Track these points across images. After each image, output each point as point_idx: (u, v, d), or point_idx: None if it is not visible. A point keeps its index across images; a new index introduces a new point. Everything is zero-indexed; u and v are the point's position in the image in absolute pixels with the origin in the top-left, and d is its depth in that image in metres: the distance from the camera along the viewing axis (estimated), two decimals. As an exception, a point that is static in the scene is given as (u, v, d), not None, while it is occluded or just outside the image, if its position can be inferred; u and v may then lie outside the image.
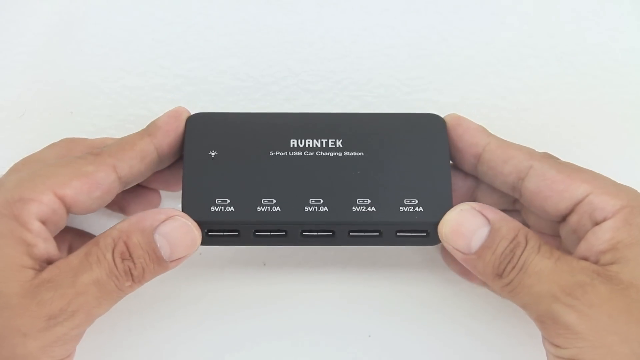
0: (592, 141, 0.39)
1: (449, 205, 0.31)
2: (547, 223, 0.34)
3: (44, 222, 0.30)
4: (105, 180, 0.31)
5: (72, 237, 0.36)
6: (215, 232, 0.32)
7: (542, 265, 0.29)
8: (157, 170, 0.34)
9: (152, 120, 0.33)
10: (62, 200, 0.30)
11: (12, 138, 0.39)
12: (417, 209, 0.31)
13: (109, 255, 0.29)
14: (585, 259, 0.30)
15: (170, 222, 0.30)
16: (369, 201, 0.32)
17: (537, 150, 0.33)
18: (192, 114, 0.34)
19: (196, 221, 0.31)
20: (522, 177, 0.32)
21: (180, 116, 0.33)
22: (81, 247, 0.30)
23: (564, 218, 0.32)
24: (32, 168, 0.32)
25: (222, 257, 0.38)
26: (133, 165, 0.32)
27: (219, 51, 0.40)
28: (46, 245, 0.30)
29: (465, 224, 0.30)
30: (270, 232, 0.32)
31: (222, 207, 0.31)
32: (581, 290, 0.28)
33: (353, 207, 0.31)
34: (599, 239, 0.29)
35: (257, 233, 0.32)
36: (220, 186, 0.32)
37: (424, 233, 0.32)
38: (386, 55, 0.40)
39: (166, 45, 0.40)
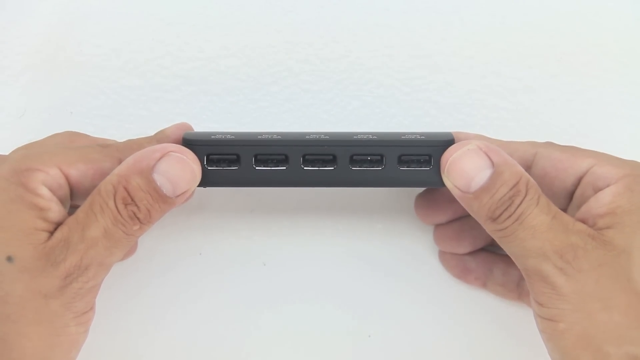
0: (592, 142, 0.39)
1: (451, 137, 0.31)
2: None
3: (51, 191, 0.30)
4: (109, 170, 0.31)
5: None
6: (215, 166, 0.31)
7: (538, 220, 0.28)
8: None
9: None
10: (67, 178, 0.30)
11: (12, 138, 0.39)
12: (418, 137, 0.31)
13: (111, 203, 0.29)
14: (583, 221, 0.30)
15: (167, 158, 0.29)
16: (371, 134, 0.32)
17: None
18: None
19: (196, 142, 0.31)
20: (529, 166, 0.32)
21: (186, 129, 0.34)
22: (87, 199, 0.30)
23: (571, 197, 0.32)
24: (37, 148, 0.32)
25: (222, 258, 0.38)
26: None
27: (219, 51, 0.40)
28: (59, 209, 0.30)
29: (468, 163, 0.29)
30: (270, 163, 0.31)
31: (223, 136, 0.32)
32: (573, 254, 0.28)
33: (354, 136, 0.32)
34: (598, 202, 0.29)
35: (257, 168, 0.31)
36: (222, 131, 0.32)
37: (427, 167, 0.31)
38: (386, 55, 0.40)
39: (166, 45, 0.40)
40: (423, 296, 0.38)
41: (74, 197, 0.31)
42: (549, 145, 0.32)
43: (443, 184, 0.31)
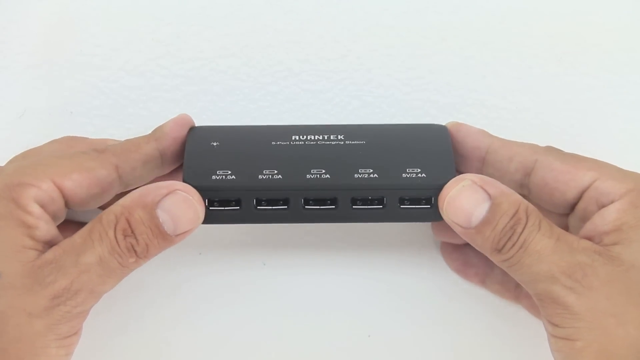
0: (592, 142, 0.39)
1: (452, 172, 0.31)
2: (556, 218, 0.34)
3: (42, 207, 0.30)
4: (106, 178, 0.31)
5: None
6: (217, 206, 0.31)
7: (542, 245, 0.28)
8: (158, 176, 0.34)
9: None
10: (61, 190, 0.30)
11: (12, 138, 0.39)
12: (419, 175, 0.31)
13: (110, 233, 0.29)
14: (589, 239, 0.29)
15: (172, 196, 0.29)
16: (371, 170, 0.32)
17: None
18: (194, 124, 0.34)
19: (197, 188, 0.31)
20: (528, 173, 0.32)
21: (185, 123, 0.33)
22: (86, 225, 0.29)
23: (572, 208, 0.32)
24: (32, 158, 0.32)
25: (222, 258, 0.38)
26: (135, 168, 0.32)
27: (219, 51, 0.40)
28: (48, 227, 0.29)
29: (465, 200, 0.30)
30: (272, 202, 0.31)
31: (224, 176, 0.31)
32: (581, 272, 0.28)
33: (355, 175, 0.31)
34: (604, 219, 0.29)
35: (258, 207, 0.31)
36: (222, 161, 0.32)
37: (427, 205, 0.31)
38: (386, 55, 0.40)
39: (166, 45, 0.40)
40: (423, 296, 0.38)
41: (70, 205, 0.31)
42: (549, 152, 0.32)
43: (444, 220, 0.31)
